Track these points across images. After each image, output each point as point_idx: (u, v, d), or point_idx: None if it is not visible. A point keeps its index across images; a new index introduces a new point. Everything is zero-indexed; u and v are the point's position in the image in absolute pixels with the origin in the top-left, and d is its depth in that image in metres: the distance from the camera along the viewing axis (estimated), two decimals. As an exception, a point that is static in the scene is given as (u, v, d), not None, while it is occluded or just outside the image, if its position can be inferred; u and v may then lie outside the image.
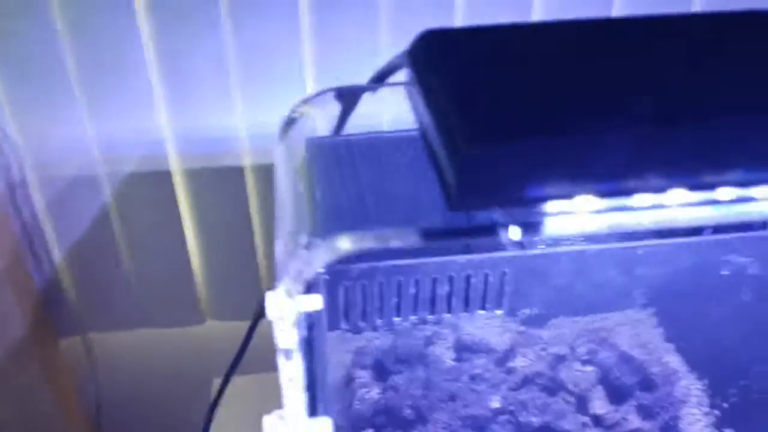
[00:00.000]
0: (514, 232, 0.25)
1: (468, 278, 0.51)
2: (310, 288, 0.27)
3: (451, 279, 0.50)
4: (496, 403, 0.63)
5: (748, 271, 0.52)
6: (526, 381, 0.67)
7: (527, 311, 0.73)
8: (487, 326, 0.71)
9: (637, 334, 0.78)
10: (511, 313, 0.69)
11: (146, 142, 0.86)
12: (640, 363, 0.69)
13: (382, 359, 0.70)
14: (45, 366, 0.94)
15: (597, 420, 0.64)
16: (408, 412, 0.64)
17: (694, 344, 0.66)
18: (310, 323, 0.39)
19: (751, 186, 0.27)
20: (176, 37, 0.80)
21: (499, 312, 0.54)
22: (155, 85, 0.82)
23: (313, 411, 0.33)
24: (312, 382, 0.36)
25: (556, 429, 0.62)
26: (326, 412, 0.34)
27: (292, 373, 0.30)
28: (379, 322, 0.52)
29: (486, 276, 0.51)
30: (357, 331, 0.61)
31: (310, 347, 0.37)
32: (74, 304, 0.96)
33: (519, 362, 0.69)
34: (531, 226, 0.26)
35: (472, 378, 0.66)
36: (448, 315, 0.53)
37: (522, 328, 0.72)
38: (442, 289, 0.51)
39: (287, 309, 0.28)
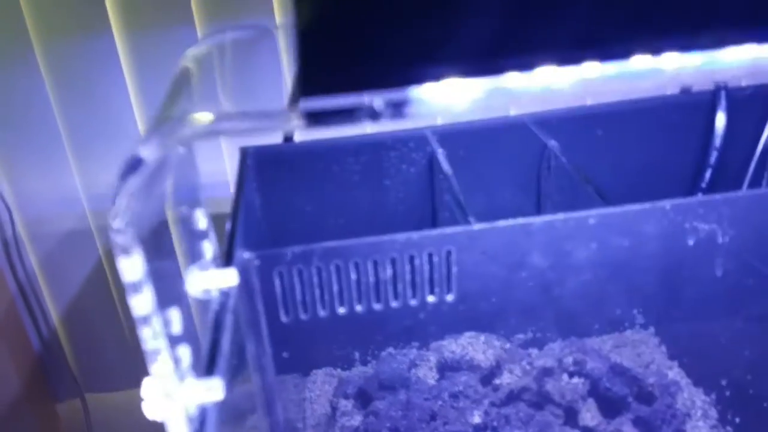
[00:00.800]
0: (378, 104, 0.24)
1: (411, 259, 0.48)
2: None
3: (393, 261, 0.48)
4: (477, 419, 0.60)
5: (718, 241, 0.49)
6: (512, 396, 0.63)
7: (522, 336, 0.70)
8: (471, 344, 0.68)
9: (639, 353, 0.74)
10: (492, 328, 0.67)
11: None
12: (635, 375, 0.65)
13: (365, 387, 0.68)
14: (42, 428, 0.92)
15: (588, 432, 0.60)
16: (388, 436, 0.61)
17: (683, 343, 0.62)
18: (223, 301, 0.37)
19: (619, 59, 0.25)
20: (162, 88, 0.82)
21: (449, 298, 0.51)
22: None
23: (209, 373, 0.32)
24: (214, 348, 0.34)
25: (541, 442, 0.58)
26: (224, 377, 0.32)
27: (153, 340, 0.28)
28: (322, 313, 0.49)
29: (430, 256, 0.48)
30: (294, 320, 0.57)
31: (219, 321, 0.36)
32: (71, 364, 0.95)
33: (505, 378, 0.65)
34: (397, 105, 0.24)
35: (455, 396, 0.62)
36: (396, 304, 0.50)
37: (507, 345, 0.69)
38: (385, 273, 0.48)
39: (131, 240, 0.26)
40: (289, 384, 0.71)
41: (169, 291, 0.31)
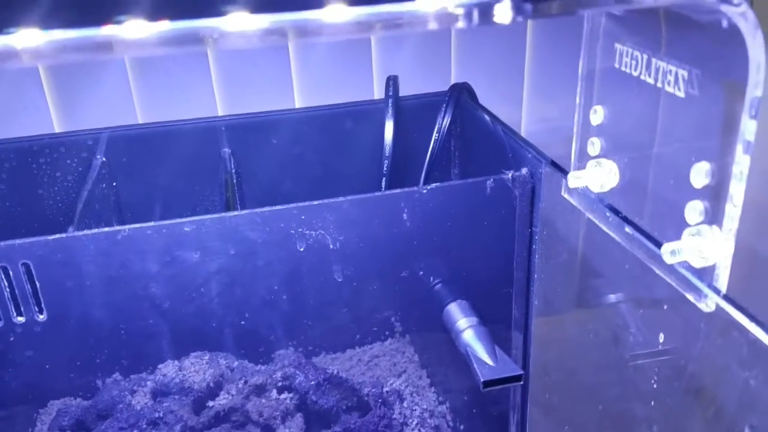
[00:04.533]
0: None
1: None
2: None
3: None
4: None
5: (331, 247, 0.48)
6: (218, 419, 0.61)
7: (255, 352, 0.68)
8: (194, 365, 0.67)
9: (395, 363, 0.73)
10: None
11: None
12: (352, 385, 0.64)
13: (83, 417, 0.66)
14: None
15: (283, 452, 0.59)
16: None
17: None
18: None
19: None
20: None
21: (41, 317, 0.48)
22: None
23: None
24: None
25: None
26: None
27: None
28: None
29: (6, 270, 0.45)
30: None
31: None
32: None
33: (220, 400, 0.64)
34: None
35: (154, 423, 0.60)
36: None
37: (236, 363, 0.68)
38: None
39: None
40: (20, 418, 0.68)
41: None
